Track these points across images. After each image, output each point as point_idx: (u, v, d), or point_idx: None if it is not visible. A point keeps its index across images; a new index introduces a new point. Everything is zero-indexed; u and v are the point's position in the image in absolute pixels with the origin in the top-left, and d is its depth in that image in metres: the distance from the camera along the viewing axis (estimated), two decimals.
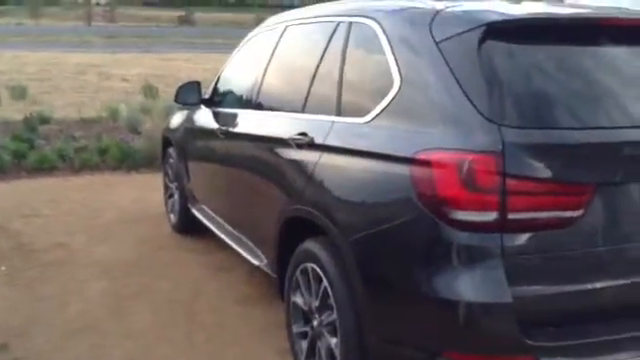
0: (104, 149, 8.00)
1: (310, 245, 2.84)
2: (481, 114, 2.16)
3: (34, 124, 9.48)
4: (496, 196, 2.10)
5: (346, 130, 2.72)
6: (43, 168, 7.44)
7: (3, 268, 4.46)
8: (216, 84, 4.48)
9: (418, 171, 2.24)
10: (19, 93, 13.96)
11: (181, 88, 4.47)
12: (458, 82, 2.24)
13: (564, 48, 2.36)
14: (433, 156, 2.21)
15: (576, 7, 3.00)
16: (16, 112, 10.57)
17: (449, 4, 2.54)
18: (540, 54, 2.32)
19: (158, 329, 3.60)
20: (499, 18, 2.33)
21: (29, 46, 26.61)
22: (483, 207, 2.12)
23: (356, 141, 2.62)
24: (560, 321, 2.20)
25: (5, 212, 5.76)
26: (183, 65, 19.36)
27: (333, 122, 2.82)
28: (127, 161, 7.80)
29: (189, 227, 5.03)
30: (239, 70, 4.27)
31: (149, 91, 13.04)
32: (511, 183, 2.10)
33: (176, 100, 4.47)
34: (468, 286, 2.13)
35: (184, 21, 47.00)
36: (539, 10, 2.56)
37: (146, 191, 6.48)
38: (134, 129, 9.34)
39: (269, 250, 3.34)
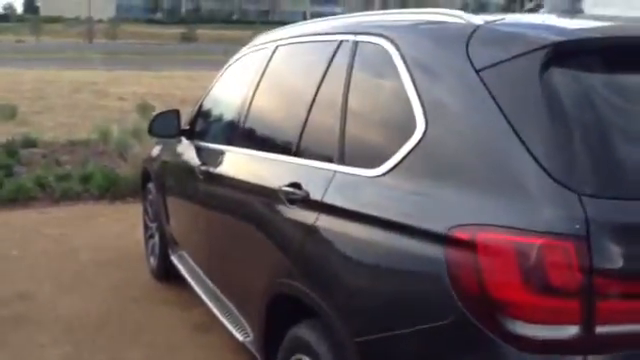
0: (88, 176, 7.38)
1: (304, 332, 2.17)
2: (550, 176, 1.49)
3: (15, 148, 8.87)
4: (579, 301, 1.43)
5: (351, 185, 2.06)
6: (18, 199, 6.81)
7: None
8: (197, 113, 3.83)
9: (456, 255, 1.58)
10: (9, 113, 13.41)
11: (157, 117, 3.83)
12: (513, 127, 1.58)
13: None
14: (480, 235, 1.54)
15: None
16: (2, 134, 9.97)
17: (491, 18, 1.89)
18: (634, 86, 1.65)
19: None
20: (573, 37, 1.67)
21: (27, 63, 26.18)
22: (559, 317, 1.45)
23: (365, 202, 1.96)
24: None
25: None
26: (183, 83, 18.82)
27: (335, 173, 2.15)
28: (112, 189, 7.18)
29: (169, 273, 4.36)
30: (222, 97, 3.63)
31: (144, 111, 12.45)
32: (601, 281, 1.43)
33: (150, 131, 3.82)
34: None
35: (186, 38, 46.76)
36: (623, 25, 1.90)
37: (129, 225, 5.85)
38: (123, 154, 8.73)
39: (255, 326, 2.66)
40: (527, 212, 1.49)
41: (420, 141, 1.80)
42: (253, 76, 3.10)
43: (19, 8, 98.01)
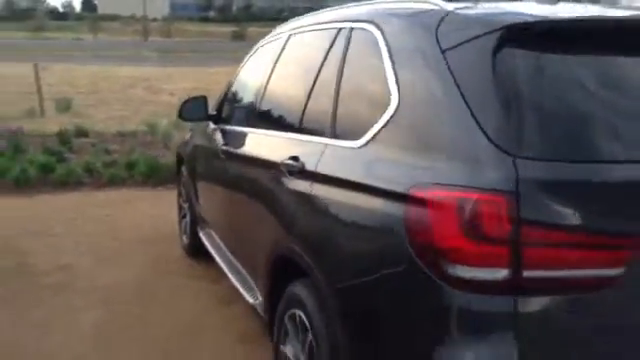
0: (132, 163, 7.80)
1: (298, 289, 2.43)
2: (492, 142, 1.70)
3: (68, 137, 9.39)
4: (508, 248, 1.64)
5: (338, 156, 2.30)
6: (69, 182, 7.27)
7: None
8: (222, 98, 4.13)
9: (411, 211, 1.80)
10: (64, 106, 14.08)
11: (186, 103, 4.12)
12: (465, 100, 1.79)
13: (607, 59, 1.87)
14: (429, 193, 1.76)
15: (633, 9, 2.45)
16: (57, 125, 10.53)
17: (462, 5, 2.09)
18: (576, 66, 1.83)
19: None
20: (523, 20, 1.86)
21: (83, 60, 27.17)
22: (491, 262, 1.65)
23: (347, 170, 2.20)
24: None
25: (16, 228, 5.56)
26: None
27: (326, 145, 2.40)
28: (154, 176, 7.57)
29: (199, 250, 4.67)
30: (243, 84, 3.91)
31: None
32: (528, 231, 1.63)
33: (180, 116, 4.12)
34: (470, 358, 1.67)
35: (237, 36, 47.47)
36: (579, 11, 2.09)
37: (167, 208, 6.18)
38: (167, 144, 9.17)
39: (262, 288, 2.93)
40: (470, 173, 1.70)
41: (393, 115, 2.03)
42: (269, 63, 3.38)
43: (77, 6, 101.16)
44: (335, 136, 2.38)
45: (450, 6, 2.07)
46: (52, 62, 22.74)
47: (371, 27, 2.35)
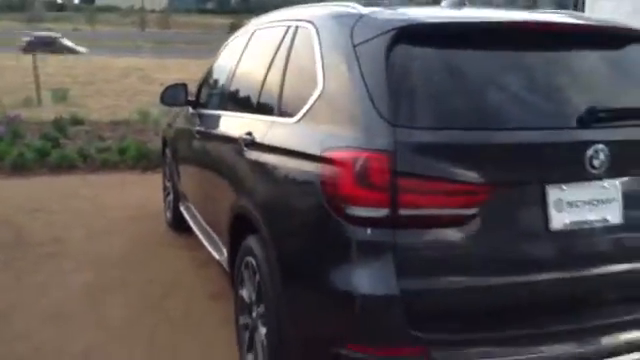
0: (124, 149, 8.28)
1: (251, 241, 2.94)
2: (380, 115, 2.21)
3: (63, 125, 9.87)
4: (387, 193, 2.15)
5: (280, 130, 2.81)
6: (63, 166, 7.76)
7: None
8: (200, 85, 4.63)
9: (324, 169, 2.32)
10: (61, 95, 14.56)
11: (167, 89, 4.61)
12: (365, 84, 2.30)
13: (465, 53, 2.37)
14: (335, 154, 2.28)
15: (496, 12, 2.89)
16: (53, 113, 11.01)
17: (379, 9, 2.59)
18: (442, 58, 2.34)
19: (127, 321, 3.74)
20: (407, 23, 2.37)
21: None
22: (375, 203, 2.17)
23: (285, 140, 2.71)
24: (452, 315, 2.22)
25: (14, 206, 6.05)
26: None
27: (273, 122, 2.91)
28: (144, 160, 8.05)
29: (182, 224, 5.18)
30: (216, 73, 4.41)
31: None
32: (402, 181, 2.15)
33: (162, 101, 4.62)
34: (360, 279, 2.18)
35: (235, 27, 47.72)
36: (469, 15, 2.59)
37: (154, 190, 6.65)
38: (158, 132, 9.66)
39: (225, 244, 3.45)
40: (363, 138, 2.22)
41: (318, 97, 2.55)
42: (237, 55, 3.89)
43: None
44: (280, 114, 2.89)
45: (366, 10, 2.59)
46: (50, 53, 23.19)
47: (310, 25, 2.85)
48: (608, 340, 2.31)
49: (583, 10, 9.52)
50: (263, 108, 3.15)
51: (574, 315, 2.32)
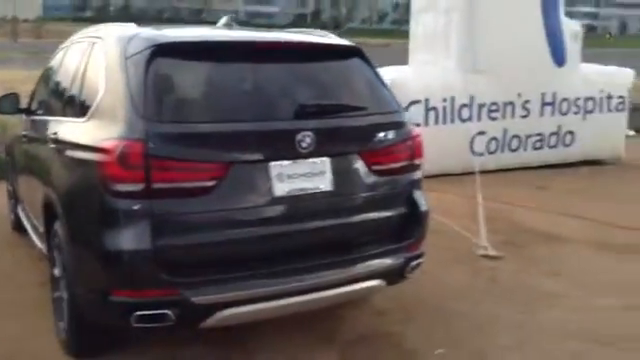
0: None
1: (57, 224, 3.48)
2: (137, 112, 2.91)
3: None
4: (142, 172, 2.82)
5: (74, 128, 3.43)
6: None
7: None
8: (33, 93, 5.09)
9: (99, 157, 2.96)
10: None
11: (1, 98, 5.03)
12: (129, 88, 2.98)
13: (204, 64, 3.14)
14: (105, 143, 2.94)
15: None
16: None
17: (148, 29, 3.27)
18: (186, 68, 3.11)
19: None
20: (162, 41, 3.10)
21: None
22: (133, 180, 2.84)
23: (77, 137, 3.33)
24: (202, 263, 2.94)
25: None
26: None
27: (71, 122, 3.52)
28: None
29: (22, 225, 5.55)
30: (42, 81, 4.95)
31: None
32: (154, 162, 2.83)
33: None
34: (122, 239, 2.85)
35: None
36: (216, 33, 3.33)
37: (2, 197, 6.94)
38: None
39: (42, 228, 3.98)
40: (125, 131, 2.89)
41: (100, 99, 3.19)
42: (56, 65, 4.45)
43: None
44: (77, 116, 3.50)
45: (139, 30, 3.26)
46: None
47: (101, 41, 3.47)
48: (320, 276, 3.09)
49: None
50: (67, 111, 3.75)
51: (297, 257, 3.09)
